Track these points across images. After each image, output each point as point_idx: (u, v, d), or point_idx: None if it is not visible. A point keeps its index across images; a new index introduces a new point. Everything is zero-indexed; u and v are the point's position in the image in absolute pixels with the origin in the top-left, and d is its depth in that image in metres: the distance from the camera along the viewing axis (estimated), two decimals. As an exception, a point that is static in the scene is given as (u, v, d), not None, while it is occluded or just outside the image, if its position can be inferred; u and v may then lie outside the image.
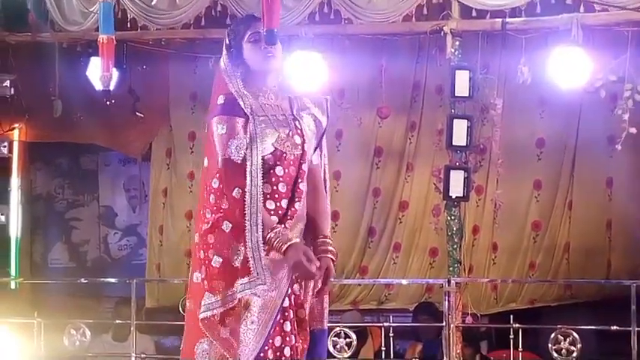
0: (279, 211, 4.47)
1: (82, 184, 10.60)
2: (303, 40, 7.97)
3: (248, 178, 4.34)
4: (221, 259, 4.35)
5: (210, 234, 4.41)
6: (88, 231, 10.61)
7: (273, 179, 4.47)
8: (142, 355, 8.02)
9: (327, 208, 4.69)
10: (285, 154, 4.49)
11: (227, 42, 4.62)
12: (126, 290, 8.18)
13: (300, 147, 4.54)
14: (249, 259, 4.31)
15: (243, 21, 4.79)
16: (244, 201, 4.33)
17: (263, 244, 4.33)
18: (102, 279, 9.38)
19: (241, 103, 4.45)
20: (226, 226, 4.35)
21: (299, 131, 4.56)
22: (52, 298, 9.62)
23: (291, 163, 4.52)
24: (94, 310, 9.41)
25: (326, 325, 4.73)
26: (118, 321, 8.57)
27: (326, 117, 4.68)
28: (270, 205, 4.44)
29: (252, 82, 4.56)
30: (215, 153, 4.42)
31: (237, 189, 4.34)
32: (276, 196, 4.47)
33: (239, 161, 4.36)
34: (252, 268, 4.32)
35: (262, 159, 4.41)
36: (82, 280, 9.19)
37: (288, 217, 4.47)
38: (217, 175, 4.41)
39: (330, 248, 4.62)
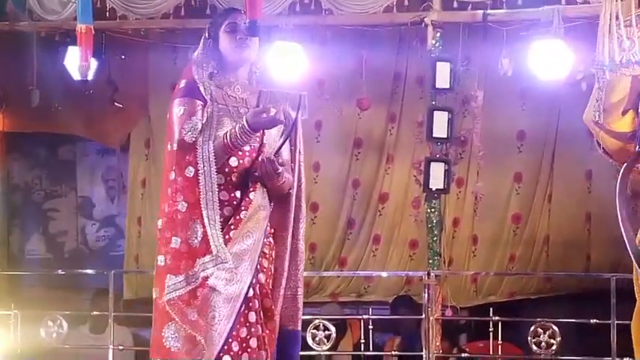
0: (234, 202, 4.48)
1: (60, 175, 10.53)
2: (283, 31, 7.93)
3: (200, 157, 4.35)
4: (180, 240, 4.39)
5: (168, 229, 4.48)
6: (65, 222, 10.53)
7: (227, 169, 4.48)
8: (120, 347, 7.98)
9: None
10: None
11: (206, 34, 4.66)
12: (104, 282, 8.15)
13: (258, 139, 4.53)
14: (209, 237, 4.33)
15: (224, 12, 4.83)
16: (198, 180, 4.35)
17: (220, 221, 4.36)
18: (79, 270, 9.32)
19: (201, 89, 4.47)
20: (182, 206, 4.37)
21: None
22: (29, 289, 9.57)
23: (247, 154, 4.51)
24: (71, 301, 9.34)
25: (299, 326, 4.69)
26: (95, 313, 8.52)
27: (296, 112, 4.60)
28: (224, 196, 4.45)
29: (224, 72, 4.58)
30: (172, 136, 4.44)
31: (189, 167, 4.36)
32: (230, 186, 4.48)
33: (191, 141, 4.37)
34: (212, 247, 4.34)
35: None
36: (60, 272, 9.13)
37: (243, 208, 4.46)
38: (173, 167, 4.41)
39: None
